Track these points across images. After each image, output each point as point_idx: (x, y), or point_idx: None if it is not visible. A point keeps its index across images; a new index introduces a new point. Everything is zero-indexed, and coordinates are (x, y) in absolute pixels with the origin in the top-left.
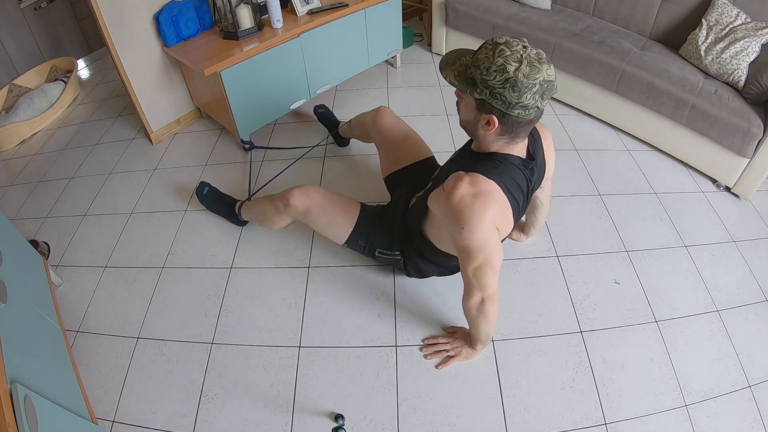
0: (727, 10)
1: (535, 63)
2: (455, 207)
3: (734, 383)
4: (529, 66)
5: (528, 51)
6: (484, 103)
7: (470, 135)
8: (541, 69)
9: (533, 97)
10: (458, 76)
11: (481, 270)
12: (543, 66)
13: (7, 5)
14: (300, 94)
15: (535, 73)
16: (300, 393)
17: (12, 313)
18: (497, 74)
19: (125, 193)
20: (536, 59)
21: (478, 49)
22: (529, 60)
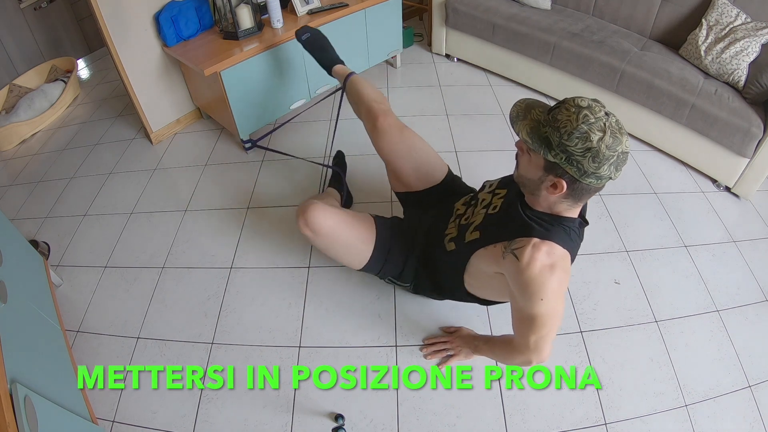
0: (727, 10)
1: (617, 134)
2: (534, 279)
3: (734, 383)
4: (612, 137)
5: (610, 119)
6: (556, 166)
7: (526, 190)
8: (622, 140)
9: (609, 168)
10: (531, 133)
11: (544, 339)
12: (623, 137)
13: (7, 5)
14: (300, 94)
15: (617, 144)
16: (300, 393)
17: (12, 313)
18: (579, 141)
19: (125, 193)
20: (617, 129)
21: (557, 108)
22: (612, 130)
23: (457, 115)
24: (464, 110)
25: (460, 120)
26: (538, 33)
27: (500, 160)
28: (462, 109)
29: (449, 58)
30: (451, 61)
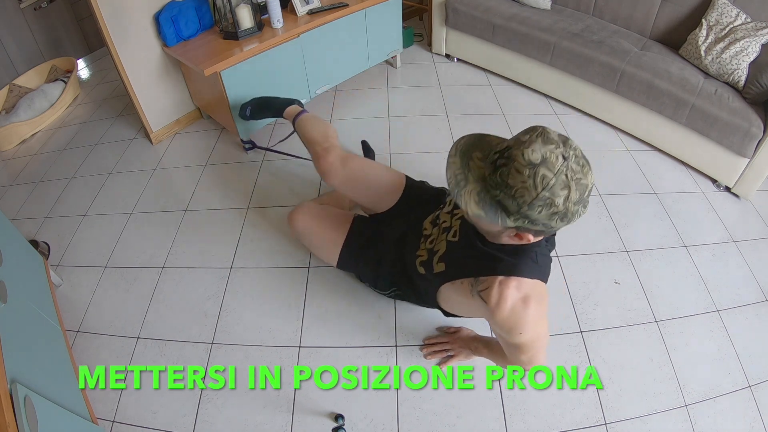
0: (727, 10)
1: (582, 177)
2: (507, 318)
3: (734, 383)
4: (578, 187)
5: (569, 163)
6: (520, 227)
7: (485, 236)
8: (588, 179)
9: (579, 212)
10: (480, 203)
11: (536, 356)
12: (588, 174)
13: (7, 5)
14: (300, 94)
15: (584, 191)
16: (300, 393)
17: (12, 313)
18: (543, 209)
19: (125, 193)
20: (580, 169)
21: (504, 166)
22: (576, 179)
23: (457, 115)
24: (464, 110)
25: (460, 120)
26: (538, 33)
27: None
28: (462, 109)
29: (449, 58)
30: (451, 61)
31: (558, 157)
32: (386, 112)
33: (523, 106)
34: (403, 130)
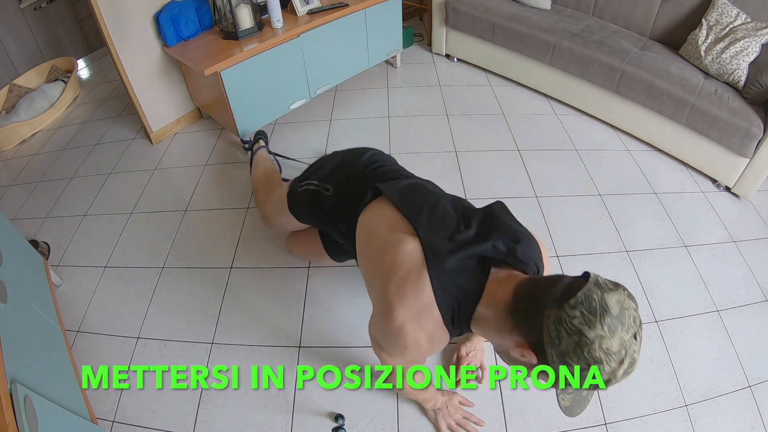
0: (727, 10)
1: (635, 359)
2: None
3: (734, 383)
4: (628, 363)
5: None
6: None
7: (483, 331)
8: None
9: None
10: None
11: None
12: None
13: (7, 5)
14: (300, 94)
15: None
16: (300, 393)
17: (12, 313)
18: (568, 396)
19: (125, 193)
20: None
21: (572, 334)
22: (632, 360)
23: (457, 115)
24: (464, 110)
25: (460, 120)
26: (538, 33)
27: (500, 160)
28: (462, 109)
29: (449, 58)
30: (451, 61)
31: (632, 343)
32: (386, 112)
33: (523, 106)
34: (403, 130)
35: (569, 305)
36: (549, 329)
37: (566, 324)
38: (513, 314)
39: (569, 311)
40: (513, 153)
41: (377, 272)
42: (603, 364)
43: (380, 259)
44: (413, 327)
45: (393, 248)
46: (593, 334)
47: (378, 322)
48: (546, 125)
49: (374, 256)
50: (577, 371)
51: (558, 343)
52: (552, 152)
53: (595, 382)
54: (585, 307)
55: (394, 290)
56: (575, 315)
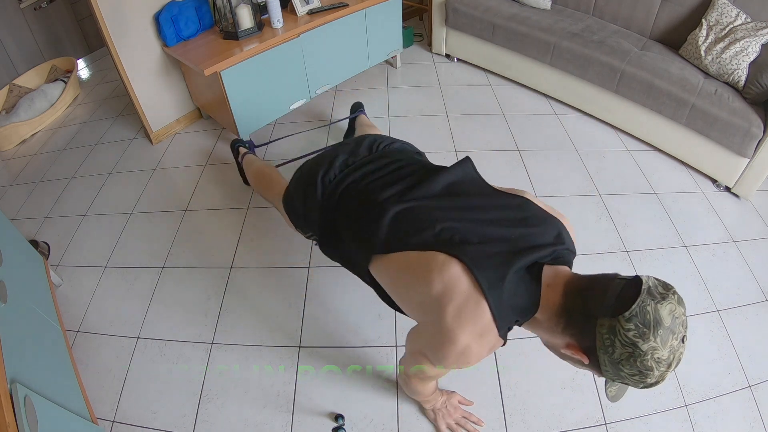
0: (727, 10)
1: (681, 355)
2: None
3: (734, 383)
4: (674, 362)
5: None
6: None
7: (534, 330)
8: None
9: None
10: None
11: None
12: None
13: (7, 5)
14: (300, 94)
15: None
16: (300, 393)
17: (12, 313)
18: (613, 387)
19: (125, 193)
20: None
21: (626, 345)
22: (678, 359)
23: (457, 115)
24: (464, 110)
25: (460, 120)
26: (538, 33)
27: (500, 160)
28: (462, 109)
29: (449, 58)
30: (451, 61)
31: (680, 347)
32: (386, 112)
33: (523, 106)
34: (404, 130)
35: (624, 318)
36: (602, 337)
37: (620, 335)
38: (564, 316)
39: (624, 324)
40: (513, 153)
41: (418, 292)
42: (653, 370)
43: (422, 281)
44: (477, 345)
45: (438, 273)
46: (647, 346)
47: (434, 343)
48: (546, 125)
49: (411, 276)
50: (628, 376)
51: (611, 351)
52: (552, 152)
53: (643, 385)
54: (639, 320)
55: (452, 319)
56: (630, 328)
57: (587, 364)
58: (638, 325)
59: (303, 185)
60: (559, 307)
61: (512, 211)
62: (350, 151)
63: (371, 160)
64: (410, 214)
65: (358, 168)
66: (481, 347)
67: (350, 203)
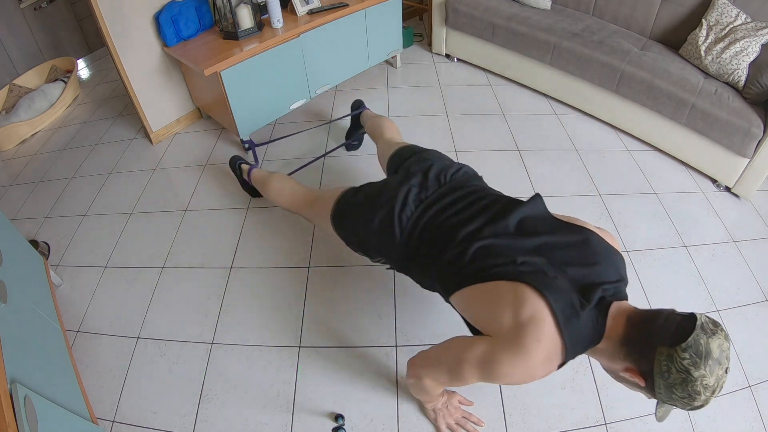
0: (727, 10)
1: (724, 383)
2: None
3: (734, 383)
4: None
5: (725, 377)
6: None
7: (595, 356)
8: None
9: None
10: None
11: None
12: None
13: (7, 5)
14: (300, 94)
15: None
16: (300, 393)
17: (12, 313)
18: (663, 408)
19: (125, 193)
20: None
21: (681, 368)
22: (721, 385)
23: (457, 115)
24: (464, 110)
25: (460, 120)
26: (538, 33)
27: (500, 160)
28: (462, 109)
29: (449, 58)
30: (451, 61)
31: (723, 376)
32: (386, 112)
33: (523, 106)
34: (403, 130)
35: (681, 348)
36: (660, 364)
37: (676, 363)
38: (626, 345)
39: (681, 353)
40: (513, 153)
41: (498, 320)
42: (701, 395)
43: (503, 311)
44: (542, 369)
45: (520, 304)
46: (698, 373)
47: (500, 360)
48: (546, 125)
49: (493, 305)
50: (678, 398)
51: (667, 376)
52: (552, 152)
53: (690, 407)
54: (693, 350)
55: (531, 343)
56: (685, 357)
57: (643, 387)
58: (692, 355)
59: (367, 214)
60: (622, 337)
61: (580, 247)
62: (420, 184)
63: (444, 194)
64: (491, 250)
65: (433, 203)
66: (542, 371)
67: (430, 240)
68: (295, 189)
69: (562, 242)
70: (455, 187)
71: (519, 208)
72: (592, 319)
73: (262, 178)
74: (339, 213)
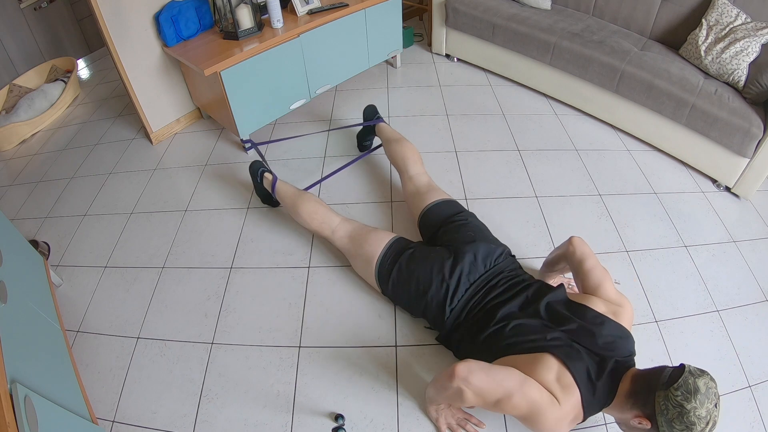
0: (727, 10)
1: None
2: None
3: (734, 383)
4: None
5: (717, 412)
6: None
7: (608, 412)
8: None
9: None
10: None
11: None
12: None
13: (7, 5)
14: (300, 94)
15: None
16: (300, 393)
17: (12, 313)
18: None
19: (125, 193)
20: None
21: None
22: (714, 422)
23: (457, 115)
24: (464, 110)
25: (460, 120)
26: (538, 33)
27: (500, 160)
28: (462, 109)
29: (449, 58)
30: (451, 61)
31: (714, 410)
32: (386, 112)
33: (523, 106)
34: (404, 130)
35: (674, 387)
36: (659, 404)
37: (671, 400)
38: (632, 397)
39: (674, 392)
40: (513, 153)
41: None
42: (696, 425)
43: (535, 376)
44: (567, 425)
45: (548, 371)
46: (690, 406)
47: (538, 410)
48: (546, 125)
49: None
50: (679, 430)
51: (666, 413)
52: (552, 152)
53: None
54: (684, 389)
55: (555, 416)
56: (678, 394)
57: (649, 428)
58: (684, 392)
59: (421, 287)
60: (629, 392)
61: (596, 327)
62: (470, 266)
63: (489, 279)
64: (525, 327)
65: (480, 288)
66: (567, 426)
67: (474, 318)
68: (328, 217)
69: (584, 326)
70: (498, 272)
71: (547, 294)
72: (606, 385)
73: (292, 196)
74: (385, 273)
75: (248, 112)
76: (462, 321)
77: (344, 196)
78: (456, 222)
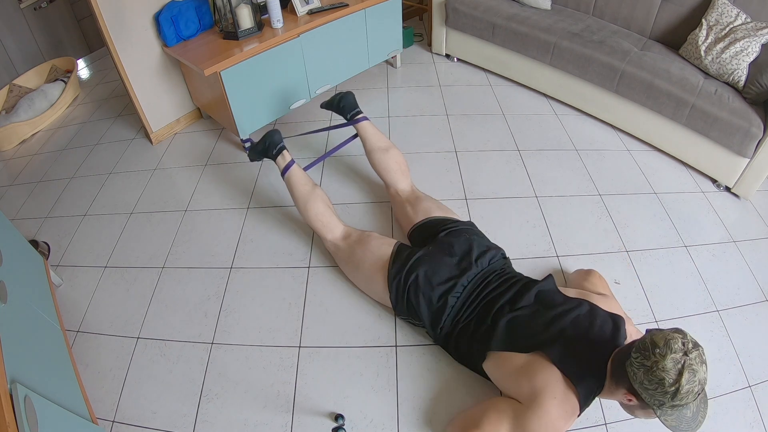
0: (727, 10)
1: (705, 386)
2: None
3: (734, 383)
4: (704, 401)
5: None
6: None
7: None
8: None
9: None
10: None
11: None
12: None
13: (7, 5)
14: (300, 94)
15: (704, 402)
16: (300, 393)
17: (12, 313)
18: (668, 416)
19: (125, 193)
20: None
21: (651, 367)
22: (703, 395)
23: (457, 115)
24: (464, 110)
25: (460, 120)
26: (538, 33)
27: (500, 160)
28: (462, 109)
29: (449, 58)
30: (451, 61)
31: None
32: (386, 112)
33: (523, 106)
34: (404, 130)
35: (634, 351)
36: (630, 374)
37: (634, 365)
38: (613, 377)
39: (634, 355)
40: (513, 153)
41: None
42: (665, 379)
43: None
44: (564, 423)
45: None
46: (650, 362)
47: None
48: (546, 125)
49: (519, 373)
50: (652, 391)
51: (636, 378)
52: (552, 152)
53: (672, 398)
54: (641, 348)
55: (555, 413)
56: (637, 356)
57: (638, 403)
58: (641, 351)
59: (430, 296)
60: (610, 372)
61: (586, 317)
62: (467, 263)
63: (485, 277)
64: (517, 321)
65: (477, 286)
66: (564, 424)
67: (470, 314)
68: (332, 224)
69: (574, 314)
70: (492, 270)
71: (537, 285)
72: (597, 373)
73: (303, 190)
74: (401, 288)
75: (248, 112)
76: (459, 319)
77: (344, 196)
78: (449, 228)
